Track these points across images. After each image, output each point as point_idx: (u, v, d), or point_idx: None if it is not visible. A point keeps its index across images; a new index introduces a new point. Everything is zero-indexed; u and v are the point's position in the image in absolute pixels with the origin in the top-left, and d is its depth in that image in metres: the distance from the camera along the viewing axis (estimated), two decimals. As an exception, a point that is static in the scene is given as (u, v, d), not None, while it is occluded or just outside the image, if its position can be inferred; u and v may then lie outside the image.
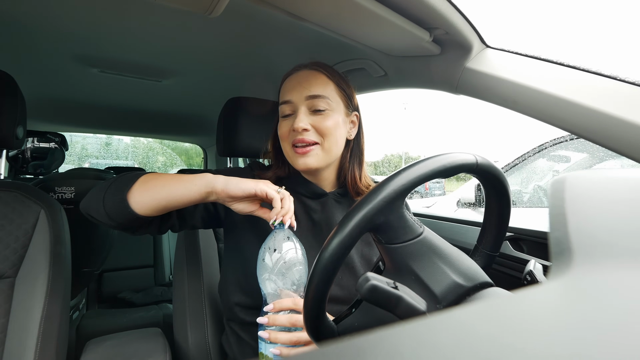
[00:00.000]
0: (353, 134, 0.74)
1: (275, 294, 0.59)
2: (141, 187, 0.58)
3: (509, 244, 0.88)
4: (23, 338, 0.70)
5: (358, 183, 0.73)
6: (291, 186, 0.75)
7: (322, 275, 0.41)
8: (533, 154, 1.66)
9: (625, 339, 0.12)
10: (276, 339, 0.56)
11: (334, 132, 0.68)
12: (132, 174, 0.61)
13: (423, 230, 0.46)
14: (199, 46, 0.99)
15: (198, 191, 0.58)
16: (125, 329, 0.88)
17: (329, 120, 0.67)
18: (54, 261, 0.77)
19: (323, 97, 0.67)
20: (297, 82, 0.69)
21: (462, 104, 69.99)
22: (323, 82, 0.69)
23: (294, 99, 0.68)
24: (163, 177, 0.59)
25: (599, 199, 0.22)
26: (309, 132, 0.66)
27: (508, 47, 0.71)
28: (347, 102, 0.72)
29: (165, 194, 0.57)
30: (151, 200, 0.57)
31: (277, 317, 0.57)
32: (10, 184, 0.80)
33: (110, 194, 0.58)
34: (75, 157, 5.23)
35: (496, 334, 0.13)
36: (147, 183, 0.58)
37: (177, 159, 5.23)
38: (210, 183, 0.58)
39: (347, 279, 0.70)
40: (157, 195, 0.57)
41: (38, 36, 0.92)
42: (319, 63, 0.72)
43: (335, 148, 0.69)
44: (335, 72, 0.72)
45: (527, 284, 0.50)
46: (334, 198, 0.75)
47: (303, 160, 0.67)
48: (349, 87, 0.73)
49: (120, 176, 0.61)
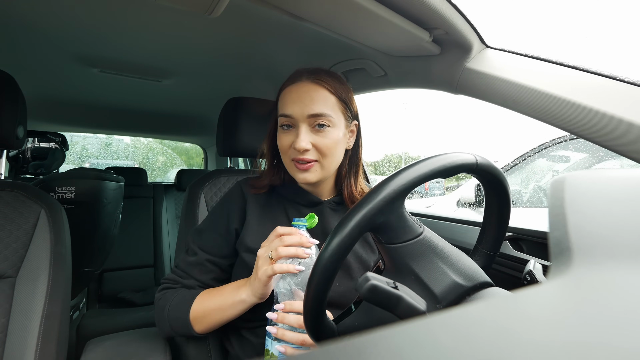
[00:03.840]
0: (352, 143, 0.74)
1: (286, 293, 0.60)
2: (199, 322, 0.67)
3: (508, 243, 0.88)
4: (23, 338, 0.70)
5: (354, 192, 0.74)
6: (287, 194, 0.76)
7: (322, 275, 0.41)
8: (533, 154, 1.66)
9: (625, 339, 0.12)
10: (283, 336, 0.57)
11: (334, 150, 0.68)
12: (183, 306, 0.68)
13: (423, 230, 0.46)
14: (199, 46, 0.99)
15: (243, 310, 0.65)
16: (125, 329, 0.88)
17: (329, 138, 0.67)
18: (54, 261, 0.77)
19: (324, 115, 0.66)
20: (297, 97, 0.67)
21: (462, 104, 69.97)
22: (324, 97, 0.67)
23: (295, 115, 0.67)
24: (210, 315, 0.67)
25: (599, 199, 0.22)
26: (309, 151, 0.66)
27: (508, 47, 0.71)
28: (347, 114, 0.71)
29: (219, 319, 0.67)
30: (209, 328, 0.68)
31: (287, 315, 0.57)
32: (11, 183, 0.80)
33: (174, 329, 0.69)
34: (76, 157, 5.22)
35: (496, 334, 0.13)
36: (204, 319, 0.67)
37: (177, 159, 5.23)
38: (247, 300, 0.64)
39: (342, 281, 0.70)
40: (214, 324, 0.68)
41: (38, 36, 0.92)
42: (320, 74, 0.69)
43: (334, 164, 0.70)
44: (336, 83, 0.69)
45: (527, 284, 0.50)
46: (329, 207, 0.75)
47: (303, 175, 0.68)
48: (348, 93, 0.71)
49: (172, 309, 0.69)
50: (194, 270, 0.73)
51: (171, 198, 2.50)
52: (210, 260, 0.73)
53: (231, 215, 0.75)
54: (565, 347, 0.12)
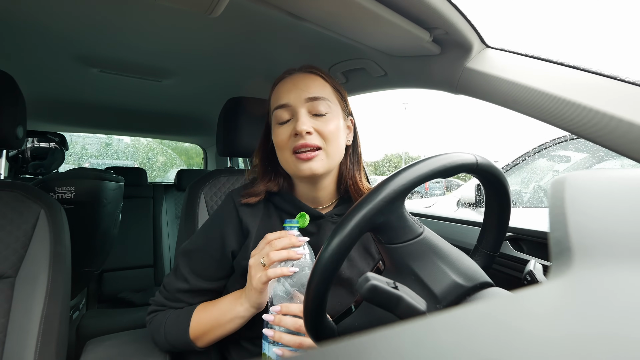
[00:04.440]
0: (350, 140, 0.72)
1: (282, 295, 0.59)
2: (200, 339, 0.67)
3: (509, 244, 0.88)
4: (23, 338, 0.70)
5: (360, 187, 0.71)
6: (285, 208, 0.71)
7: (322, 275, 0.41)
8: (533, 154, 1.66)
9: (625, 338, 0.12)
10: (280, 338, 0.57)
11: (337, 136, 0.65)
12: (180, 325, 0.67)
13: (423, 230, 0.46)
14: (199, 46, 0.99)
15: (242, 323, 0.65)
16: (125, 329, 0.87)
17: (331, 124, 0.64)
18: (54, 261, 0.77)
19: (323, 98, 0.64)
20: (292, 85, 0.65)
21: (462, 104, 69.95)
22: (321, 84, 0.66)
23: (292, 102, 0.64)
24: (211, 331, 0.66)
25: (599, 199, 0.22)
26: (311, 135, 0.62)
27: (508, 47, 0.71)
28: (344, 106, 0.70)
29: (219, 334, 0.66)
30: (211, 342, 0.68)
31: (284, 318, 0.57)
32: (11, 183, 0.80)
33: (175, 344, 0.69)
34: (75, 157, 5.23)
35: (496, 334, 0.13)
36: (204, 336, 0.67)
37: (177, 159, 5.23)
38: (245, 314, 0.64)
39: (344, 298, 0.68)
40: (216, 338, 0.67)
41: (38, 36, 0.92)
42: (312, 66, 0.69)
43: (338, 153, 0.66)
44: (329, 75, 0.70)
45: (527, 284, 0.50)
46: (330, 220, 0.70)
47: (308, 165, 0.62)
48: (343, 90, 0.72)
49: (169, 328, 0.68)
50: (184, 296, 0.70)
51: (171, 198, 2.50)
52: (204, 288, 0.70)
53: (226, 238, 0.69)
54: (565, 347, 0.12)
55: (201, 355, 0.74)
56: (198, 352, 0.71)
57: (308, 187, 0.69)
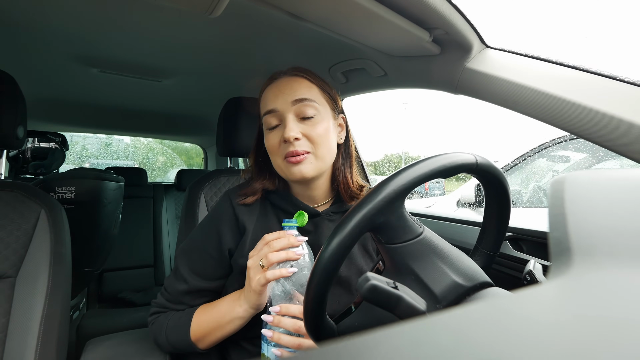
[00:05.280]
0: (342, 138, 0.72)
1: (281, 295, 0.59)
2: (202, 341, 0.67)
3: (508, 243, 0.88)
4: (23, 338, 0.70)
5: (350, 186, 0.71)
6: (282, 206, 0.71)
7: (322, 276, 0.41)
8: (533, 154, 1.66)
9: (625, 338, 0.12)
10: (279, 339, 0.57)
11: (326, 139, 0.65)
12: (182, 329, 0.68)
13: (423, 230, 0.46)
14: (199, 46, 0.99)
15: (241, 324, 0.65)
16: (125, 329, 0.88)
17: (319, 127, 0.64)
18: (54, 261, 0.77)
19: (309, 100, 0.64)
20: (278, 90, 0.65)
21: (462, 104, 69.92)
22: (306, 85, 0.66)
23: (279, 107, 0.64)
24: (211, 333, 0.66)
25: (599, 199, 0.22)
26: (300, 141, 0.62)
27: (508, 47, 0.71)
28: (333, 105, 0.69)
29: (220, 335, 0.67)
30: (213, 344, 0.68)
31: (283, 319, 0.57)
32: (11, 184, 0.80)
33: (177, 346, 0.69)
34: (76, 157, 5.23)
35: (496, 334, 0.13)
36: (205, 338, 0.67)
37: (177, 159, 5.23)
38: (245, 315, 0.64)
39: (342, 298, 0.68)
40: (217, 340, 0.67)
41: (38, 36, 0.92)
42: (298, 68, 0.69)
43: (328, 155, 0.66)
44: (316, 75, 0.69)
45: (527, 284, 0.50)
46: (327, 218, 0.71)
47: (298, 168, 0.63)
48: (332, 89, 0.71)
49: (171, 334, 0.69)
50: (185, 297, 0.70)
51: (171, 198, 2.50)
52: (204, 288, 0.70)
53: (222, 236, 0.70)
54: (565, 347, 0.12)
55: (201, 355, 0.74)
56: (198, 353, 0.71)
57: (302, 187, 0.70)
